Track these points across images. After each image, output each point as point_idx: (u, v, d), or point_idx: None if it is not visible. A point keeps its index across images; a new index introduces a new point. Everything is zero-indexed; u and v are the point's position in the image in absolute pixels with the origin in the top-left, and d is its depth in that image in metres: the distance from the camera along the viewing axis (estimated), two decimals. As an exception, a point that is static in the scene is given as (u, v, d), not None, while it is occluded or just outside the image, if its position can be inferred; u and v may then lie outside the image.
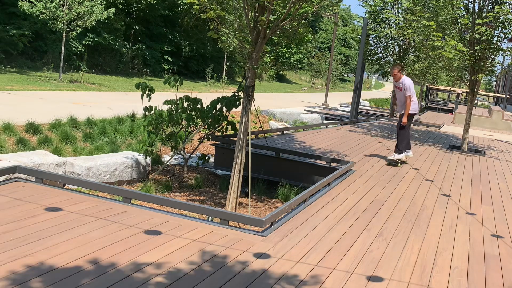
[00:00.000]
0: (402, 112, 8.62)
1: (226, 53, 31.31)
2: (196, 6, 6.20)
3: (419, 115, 26.17)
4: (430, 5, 12.13)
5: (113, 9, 19.75)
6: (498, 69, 25.06)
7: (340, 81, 58.83)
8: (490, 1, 11.05)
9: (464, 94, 35.82)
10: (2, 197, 4.59)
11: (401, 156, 8.68)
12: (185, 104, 8.81)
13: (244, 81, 6.84)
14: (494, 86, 67.86)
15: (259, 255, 3.94)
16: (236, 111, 9.61)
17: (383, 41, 18.79)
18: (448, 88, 35.63)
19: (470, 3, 11.31)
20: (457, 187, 7.62)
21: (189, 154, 9.65)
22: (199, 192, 7.98)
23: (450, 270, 4.13)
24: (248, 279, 3.47)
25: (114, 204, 4.81)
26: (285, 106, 21.78)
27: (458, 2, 10.88)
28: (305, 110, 20.88)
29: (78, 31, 18.51)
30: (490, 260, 4.50)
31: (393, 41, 18.66)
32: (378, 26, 18.26)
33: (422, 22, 11.30)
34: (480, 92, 42.90)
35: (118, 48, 26.65)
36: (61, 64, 18.37)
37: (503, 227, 5.67)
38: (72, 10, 17.68)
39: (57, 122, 10.07)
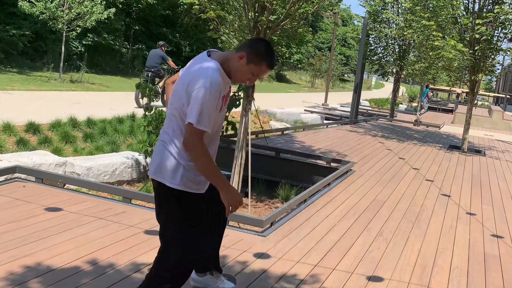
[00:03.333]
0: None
1: (226, 53, 31.25)
2: (196, 6, 6.21)
3: (419, 115, 25.55)
4: (430, 5, 12.13)
5: (113, 9, 19.73)
6: (498, 69, 25.07)
7: (340, 81, 58.75)
8: (490, 1, 11.05)
9: (464, 94, 35.84)
10: (2, 197, 4.59)
11: None
12: (185, 104, 8.79)
13: (244, 81, 6.83)
14: (494, 86, 67.88)
15: (259, 255, 3.94)
16: (236, 111, 9.59)
17: (383, 41, 18.79)
18: (448, 88, 35.63)
19: (470, 3, 11.32)
20: (457, 187, 7.62)
21: (189, 154, 9.63)
22: (199, 192, 7.97)
23: (450, 270, 4.12)
24: (248, 279, 3.47)
25: (114, 204, 4.81)
26: (285, 106, 21.75)
27: (458, 2, 10.88)
28: (305, 110, 20.86)
29: (78, 31, 18.50)
30: (490, 260, 4.50)
31: (393, 41, 18.65)
32: (378, 26, 18.26)
33: (422, 22, 11.30)
34: (480, 92, 42.89)
35: (118, 48, 26.64)
36: (61, 64, 18.35)
37: (503, 227, 5.67)
38: (72, 10, 17.66)
39: (57, 122, 10.06)
